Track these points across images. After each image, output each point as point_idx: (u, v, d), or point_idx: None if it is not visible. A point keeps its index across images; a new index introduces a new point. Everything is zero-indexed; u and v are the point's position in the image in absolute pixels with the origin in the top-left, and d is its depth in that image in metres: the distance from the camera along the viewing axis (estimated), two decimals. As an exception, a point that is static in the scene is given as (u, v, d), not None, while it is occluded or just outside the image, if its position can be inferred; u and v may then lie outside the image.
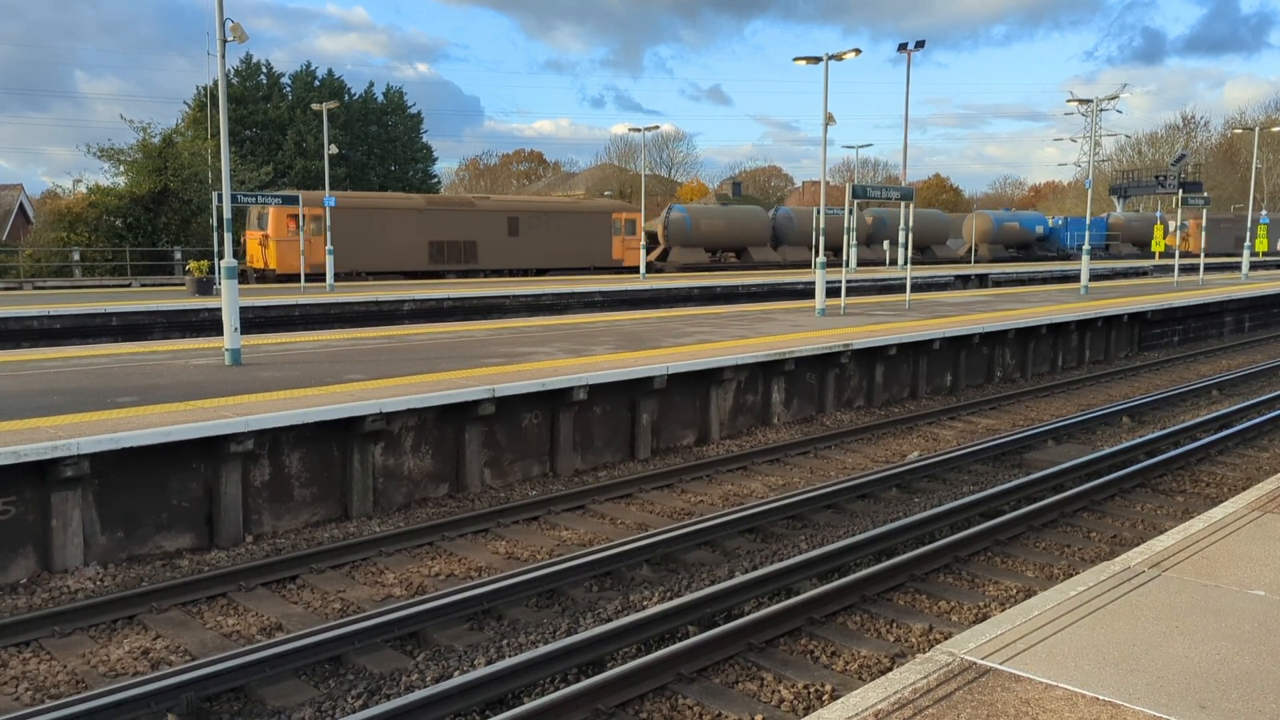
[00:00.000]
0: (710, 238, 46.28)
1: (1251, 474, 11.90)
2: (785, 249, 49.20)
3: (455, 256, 37.41)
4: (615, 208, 43.93)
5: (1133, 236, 65.49)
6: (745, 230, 47.58)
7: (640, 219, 43.05)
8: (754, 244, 48.06)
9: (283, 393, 10.80)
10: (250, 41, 13.33)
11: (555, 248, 40.16)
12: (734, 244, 47.73)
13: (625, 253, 42.43)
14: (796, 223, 49.32)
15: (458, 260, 37.45)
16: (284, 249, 33.73)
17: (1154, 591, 5.73)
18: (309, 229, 32.46)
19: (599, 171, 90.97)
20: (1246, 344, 27.16)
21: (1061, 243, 61.35)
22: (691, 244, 45.63)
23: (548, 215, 40.27)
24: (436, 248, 36.60)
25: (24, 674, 6.67)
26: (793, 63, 23.24)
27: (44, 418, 9.33)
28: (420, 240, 36.35)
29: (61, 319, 21.14)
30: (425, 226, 36.47)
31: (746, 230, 47.63)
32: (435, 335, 17.67)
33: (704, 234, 45.80)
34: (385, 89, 62.07)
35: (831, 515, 10.33)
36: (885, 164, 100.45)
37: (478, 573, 8.66)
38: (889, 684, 4.54)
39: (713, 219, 47.05)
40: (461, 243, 37.48)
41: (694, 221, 45.72)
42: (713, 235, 46.32)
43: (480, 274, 38.00)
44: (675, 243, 45.56)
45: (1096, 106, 33.67)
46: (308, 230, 32.14)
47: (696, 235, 45.57)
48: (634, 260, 42.04)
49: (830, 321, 19.77)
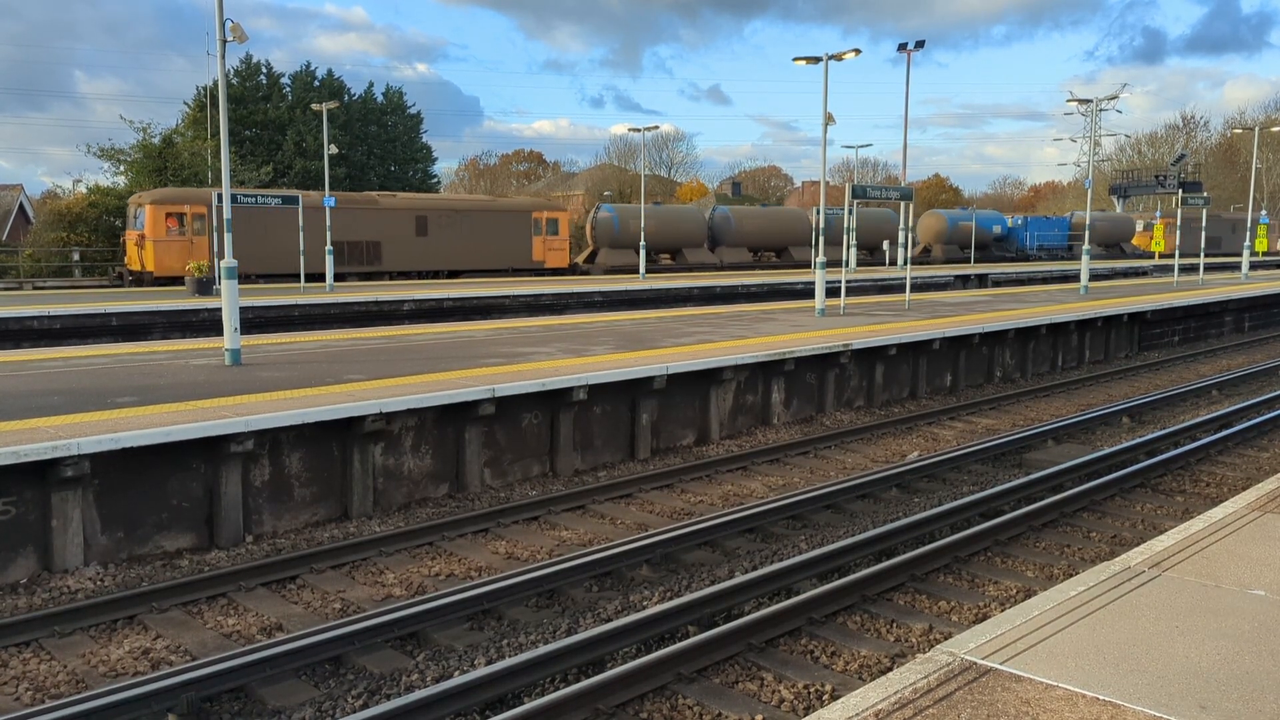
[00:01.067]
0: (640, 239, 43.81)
1: (1251, 474, 11.90)
2: (723, 250, 47.43)
3: (356, 258, 35.46)
4: (536, 206, 42.15)
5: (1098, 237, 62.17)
6: (678, 231, 45.60)
7: (565, 218, 41.56)
8: (689, 245, 46.20)
9: (283, 393, 10.80)
10: (249, 41, 13.33)
11: (469, 248, 38.25)
12: (666, 245, 45.85)
13: (548, 254, 40.64)
14: (735, 224, 47.83)
15: (359, 262, 35.54)
16: (162, 250, 31.41)
17: (1154, 591, 5.73)
18: (192, 228, 30.88)
19: (598, 172, 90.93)
20: (1246, 344, 27.16)
21: (1020, 243, 59.65)
22: (620, 245, 43.65)
23: (460, 214, 38.33)
24: (338, 249, 33.81)
25: (24, 674, 6.67)
26: (792, 63, 23.24)
27: (44, 418, 9.33)
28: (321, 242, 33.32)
29: (61, 319, 21.14)
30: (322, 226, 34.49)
31: (679, 231, 45.68)
32: (435, 335, 17.67)
33: (633, 235, 42.89)
34: (385, 89, 62.07)
35: (831, 515, 10.33)
36: (885, 164, 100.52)
37: (478, 573, 8.66)
38: (889, 684, 4.54)
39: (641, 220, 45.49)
40: (364, 243, 35.56)
41: (622, 222, 43.71)
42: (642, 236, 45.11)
43: (385, 276, 36.14)
44: (603, 244, 43.80)
45: (1096, 106, 33.68)
46: (190, 230, 30.54)
47: (625, 236, 43.37)
48: (558, 262, 40.74)
49: (830, 321, 19.77)
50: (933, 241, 57.69)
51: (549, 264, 40.69)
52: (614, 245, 43.89)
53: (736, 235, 47.90)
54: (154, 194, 32.91)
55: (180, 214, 31.37)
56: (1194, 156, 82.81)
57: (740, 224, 48.32)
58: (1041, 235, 60.81)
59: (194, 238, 31.21)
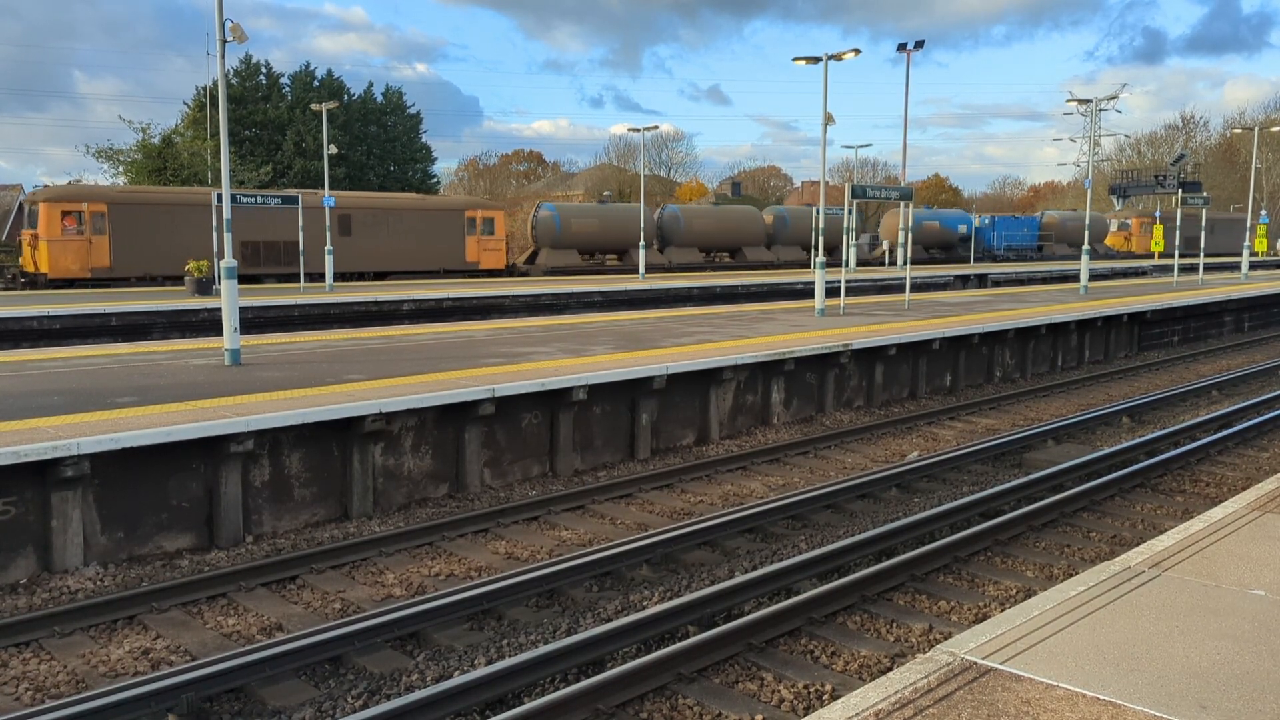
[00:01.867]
0: (583, 239, 43.02)
1: (1251, 474, 11.91)
2: (673, 251, 45.95)
3: (273, 259, 33.78)
4: (470, 205, 40.49)
5: (1066, 236, 61.63)
6: (624, 231, 43.48)
7: (501, 217, 39.84)
8: (636, 245, 42.90)
9: (282, 393, 10.80)
10: (249, 41, 13.33)
11: (397, 249, 36.75)
12: (611, 245, 44.44)
13: (483, 254, 39.08)
14: (684, 223, 46.25)
15: (276, 263, 33.81)
16: (57, 250, 29.75)
17: (1154, 591, 5.73)
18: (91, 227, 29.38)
19: (598, 171, 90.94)
20: (1246, 344, 27.17)
21: (987, 243, 58.10)
22: (562, 245, 42.50)
23: (388, 213, 36.74)
24: (250, 249, 32.76)
25: (24, 674, 6.67)
26: (792, 63, 23.26)
27: (44, 418, 9.33)
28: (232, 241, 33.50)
29: (61, 319, 21.14)
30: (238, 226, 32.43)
31: (625, 231, 43.37)
32: (435, 335, 17.67)
33: (575, 234, 42.50)
34: (384, 89, 62.10)
35: (831, 515, 10.33)
36: (885, 164, 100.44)
37: (477, 573, 8.66)
38: (889, 684, 4.54)
39: (585, 218, 43.74)
40: (281, 244, 33.65)
41: (564, 221, 42.43)
42: (586, 236, 43.13)
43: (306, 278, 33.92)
44: (544, 244, 42.45)
45: (1096, 106, 33.68)
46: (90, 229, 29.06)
47: (567, 236, 42.35)
48: (493, 263, 39.17)
49: (830, 321, 19.77)
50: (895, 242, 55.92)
51: (484, 265, 39.13)
52: (556, 245, 42.46)
53: (686, 235, 46.30)
54: (49, 191, 31.46)
55: (78, 212, 29.66)
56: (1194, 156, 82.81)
57: (690, 224, 46.63)
58: (1009, 235, 59.38)
59: (93, 237, 29.50)
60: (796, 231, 50.36)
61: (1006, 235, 59.16)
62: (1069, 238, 61.13)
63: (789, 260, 50.19)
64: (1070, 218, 63.38)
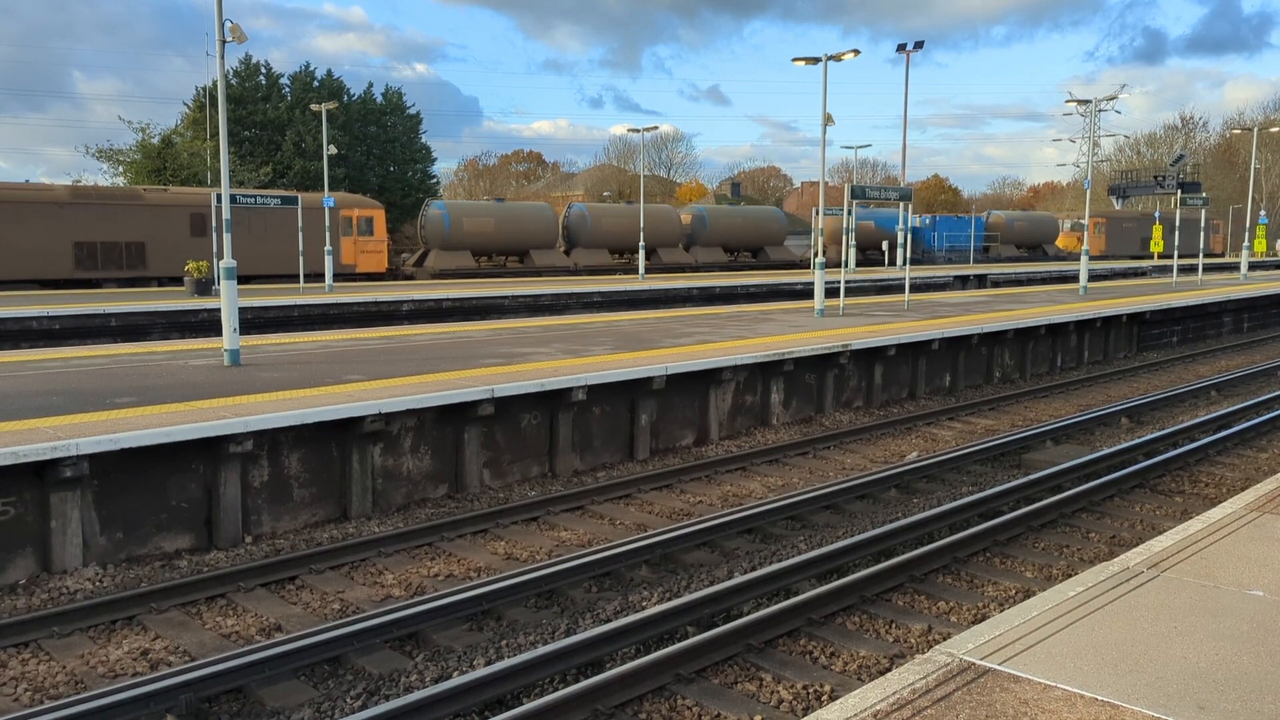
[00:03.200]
0: (479, 239, 40.61)
1: (1250, 475, 11.91)
2: (579, 252, 43.98)
3: (114, 261, 31.09)
4: (346, 203, 37.42)
5: (1015, 237, 59.75)
6: (525, 231, 41.84)
7: (381, 216, 36.88)
8: (538, 246, 42.58)
9: (282, 393, 10.80)
10: (248, 41, 13.33)
11: (261, 251, 33.49)
12: (510, 246, 42.03)
13: (360, 256, 36.41)
14: (591, 223, 44.10)
15: (117, 266, 31.16)
16: None
17: (1153, 592, 5.73)
18: None
19: (598, 172, 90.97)
20: (1245, 344, 27.18)
21: (927, 244, 55.71)
22: (454, 246, 40.08)
23: (250, 212, 33.18)
24: (86, 250, 30.31)
25: (23, 674, 6.67)
26: (791, 63, 23.26)
27: (43, 418, 9.33)
28: (62, 242, 29.92)
29: (61, 319, 21.14)
30: (70, 224, 30.08)
31: (527, 232, 41.88)
32: (434, 335, 17.67)
33: (469, 235, 40.09)
34: (384, 89, 62.07)
35: (830, 516, 10.34)
36: (884, 164, 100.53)
37: (477, 573, 8.66)
38: (888, 684, 4.55)
39: (480, 217, 41.10)
40: (123, 245, 31.11)
41: (455, 220, 40.06)
42: (481, 236, 40.68)
43: (152, 283, 31.68)
44: (434, 245, 40.08)
45: (1095, 107, 33.69)
46: None
47: (459, 236, 39.98)
48: (372, 265, 36.65)
49: (829, 322, 19.77)
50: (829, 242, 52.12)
51: (361, 268, 36.41)
52: (446, 247, 40.07)
53: (593, 236, 44.09)
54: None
55: None
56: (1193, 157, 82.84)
57: (598, 223, 44.33)
58: (951, 236, 56.99)
59: None
60: (719, 232, 48.02)
61: (948, 236, 56.81)
62: (1017, 239, 59.46)
63: (709, 263, 47.62)
64: (1018, 218, 61.62)
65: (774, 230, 51.69)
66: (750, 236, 50.25)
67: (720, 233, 48.26)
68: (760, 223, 51.25)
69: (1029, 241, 60.07)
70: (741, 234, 49.77)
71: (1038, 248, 61.21)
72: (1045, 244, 61.65)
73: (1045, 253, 61.51)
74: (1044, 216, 65.06)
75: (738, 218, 50.25)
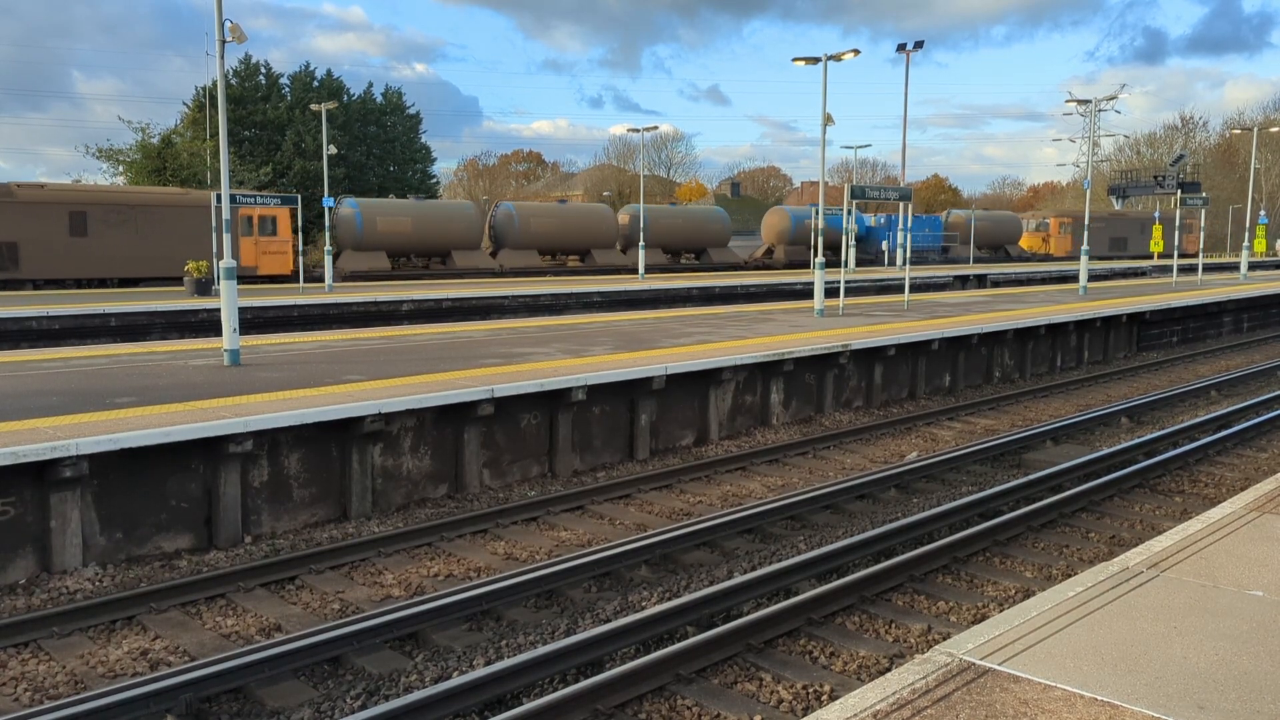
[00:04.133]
0: (395, 240, 38.44)
1: (1250, 474, 11.91)
2: (507, 254, 42.14)
3: None
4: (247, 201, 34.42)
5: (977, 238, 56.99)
6: (446, 232, 39.77)
7: (286, 216, 34.71)
8: (461, 247, 40.57)
9: (282, 393, 10.80)
10: (248, 41, 13.33)
11: (147, 252, 31.31)
12: (430, 247, 39.94)
13: (261, 258, 33.99)
14: (520, 223, 42.25)
15: None
16: None
17: (1152, 592, 5.73)
18: None
19: (598, 172, 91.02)
20: (1245, 344, 27.17)
21: (880, 244, 53.49)
22: (367, 247, 38.21)
23: (135, 210, 31.24)
24: None
25: (23, 675, 6.67)
26: (791, 63, 23.28)
27: (43, 418, 9.33)
28: None
29: (60, 319, 21.13)
30: None
31: (448, 232, 39.80)
32: (434, 335, 17.67)
33: (384, 235, 38.19)
34: (384, 89, 62.12)
35: (830, 516, 10.34)
36: (884, 164, 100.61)
37: (476, 573, 8.66)
38: (887, 684, 4.55)
39: (396, 216, 38.91)
40: None
41: (368, 220, 37.93)
42: (398, 237, 38.50)
43: (27, 285, 29.58)
44: (347, 245, 38.43)
45: (1095, 107, 33.70)
46: None
47: (372, 236, 37.93)
48: (276, 267, 34.40)
49: (829, 322, 19.77)
50: (776, 242, 51.93)
51: (263, 270, 33.99)
52: (359, 247, 38.34)
53: (522, 236, 42.32)
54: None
55: None
56: (1193, 157, 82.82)
57: (527, 223, 42.56)
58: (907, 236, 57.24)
59: None
60: (658, 233, 45.79)
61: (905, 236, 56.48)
62: (978, 239, 56.98)
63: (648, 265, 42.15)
64: (979, 217, 58.89)
65: (717, 231, 49.50)
66: (692, 238, 48.13)
67: (660, 234, 45.90)
68: (702, 223, 49.15)
69: (991, 242, 58.06)
70: (683, 235, 47.64)
71: (1000, 248, 59.16)
72: (1008, 244, 59.83)
73: (1008, 253, 59.42)
74: (1006, 216, 62.56)
75: (679, 218, 47.93)
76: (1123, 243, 63.09)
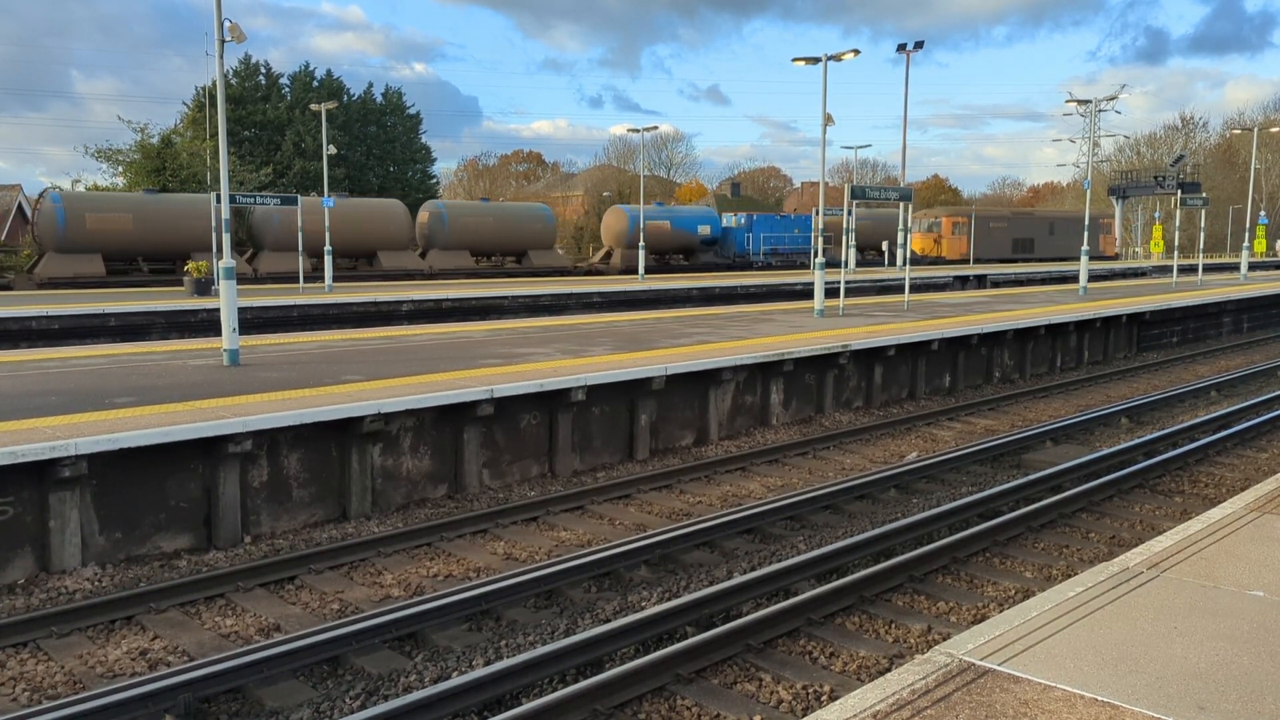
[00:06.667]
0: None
1: (1250, 475, 11.90)
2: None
3: None
4: None
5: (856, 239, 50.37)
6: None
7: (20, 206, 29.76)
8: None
9: (281, 393, 10.79)
10: (247, 41, 13.32)
11: None
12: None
13: None
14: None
15: None
16: None
17: (1152, 592, 5.72)
18: None
19: (598, 172, 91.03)
20: (1245, 344, 27.17)
21: (739, 246, 49.37)
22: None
23: None
24: None
25: (21, 675, 6.66)
26: (791, 63, 23.27)
27: (42, 418, 9.32)
28: None
29: (60, 319, 21.12)
30: None
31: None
32: (434, 336, 17.66)
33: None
34: (384, 89, 62.14)
35: (830, 516, 10.33)
36: (884, 164, 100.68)
37: (476, 573, 8.65)
38: (887, 685, 4.54)
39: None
40: None
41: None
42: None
43: None
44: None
45: (1095, 107, 33.71)
46: None
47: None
48: None
49: (829, 322, 19.77)
50: (614, 245, 47.52)
51: None
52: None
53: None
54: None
55: None
56: (1193, 157, 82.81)
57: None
58: (773, 238, 50.23)
59: None
60: (463, 233, 42.15)
61: (769, 238, 49.93)
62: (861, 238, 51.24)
63: (447, 269, 41.52)
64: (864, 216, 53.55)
65: (538, 232, 45.07)
66: (507, 239, 43.69)
67: (465, 234, 41.82)
68: (519, 223, 44.47)
69: (872, 243, 53.04)
70: (494, 236, 43.18)
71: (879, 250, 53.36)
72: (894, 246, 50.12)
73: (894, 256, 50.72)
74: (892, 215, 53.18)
75: (488, 217, 43.31)
76: (1028, 244, 57.05)
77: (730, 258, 49.03)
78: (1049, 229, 58.84)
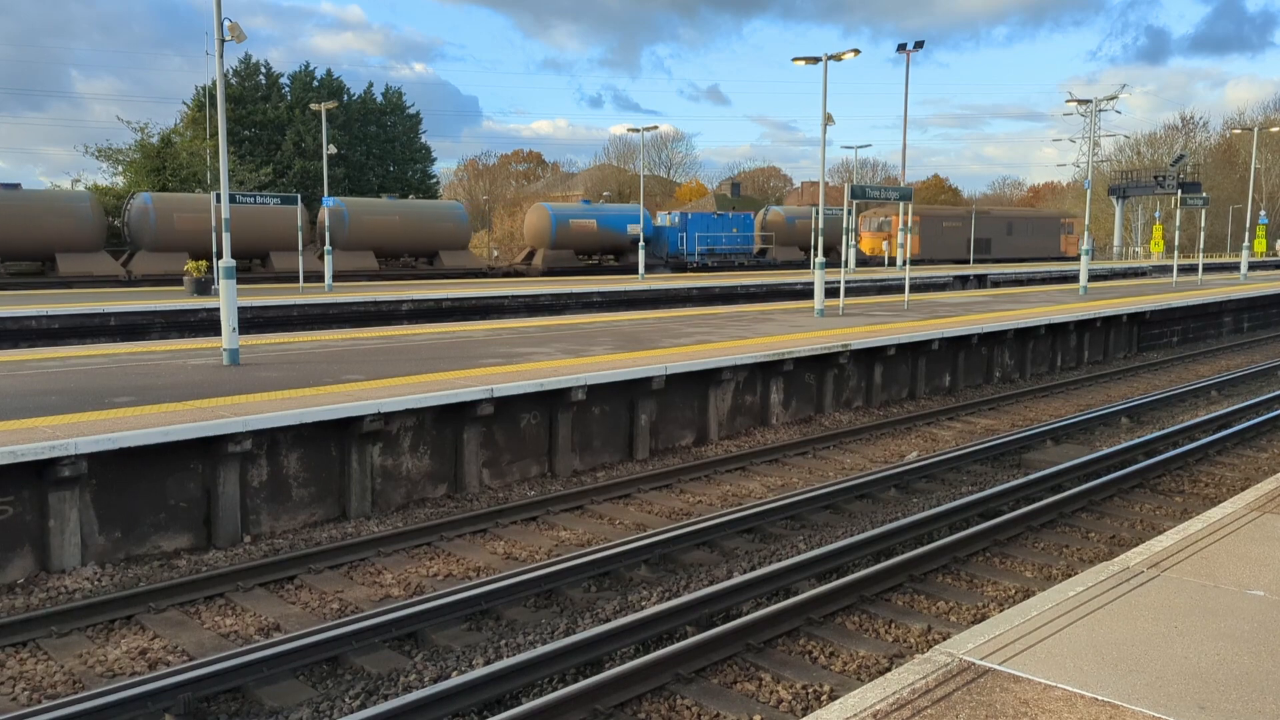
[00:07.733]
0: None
1: (1250, 474, 11.90)
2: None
3: None
4: None
5: (798, 238, 50.28)
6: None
7: None
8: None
9: (281, 393, 10.78)
10: (247, 41, 13.32)
11: None
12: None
13: None
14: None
15: None
16: None
17: (1153, 592, 5.72)
18: None
19: (598, 172, 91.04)
20: (1245, 344, 27.17)
21: (673, 247, 46.91)
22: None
23: None
24: None
25: (21, 674, 6.66)
26: (791, 63, 23.27)
27: (42, 418, 9.32)
28: None
29: (60, 319, 21.11)
30: None
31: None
32: (434, 335, 17.66)
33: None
34: (384, 89, 62.15)
35: (830, 515, 10.32)
36: (884, 164, 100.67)
37: (476, 573, 8.65)
38: (887, 684, 4.53)
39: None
40: None
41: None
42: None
43: None
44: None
45: (1095, 107, 33.70)
46: None
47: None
48: None
49: (829, 322, 19.76)
50: (536, 245, 45.39)
51: None
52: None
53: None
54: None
55: None
56: (1193, 157, 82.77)
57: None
58: (709, 238, 47.46)
59: None
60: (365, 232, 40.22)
61: (705, 238, 47.22)
62: (800, 239, 50.02)
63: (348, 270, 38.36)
64: (800, 215, 51.01)
65: (450, 231, 42.74)
66: (416, 239, 41.54)
67: (367, 233, 39.60)
68: (429, 222, 42.18)
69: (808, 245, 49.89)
70: (402, 236, 41.00)
71: (830, 250, 49.32)
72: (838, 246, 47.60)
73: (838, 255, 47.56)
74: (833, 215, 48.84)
75: (395, 215, 41.11)
76: (984, 245, 54.67)
77: (664, 258, 46.61)
78: (1007, 229, 56.94)
